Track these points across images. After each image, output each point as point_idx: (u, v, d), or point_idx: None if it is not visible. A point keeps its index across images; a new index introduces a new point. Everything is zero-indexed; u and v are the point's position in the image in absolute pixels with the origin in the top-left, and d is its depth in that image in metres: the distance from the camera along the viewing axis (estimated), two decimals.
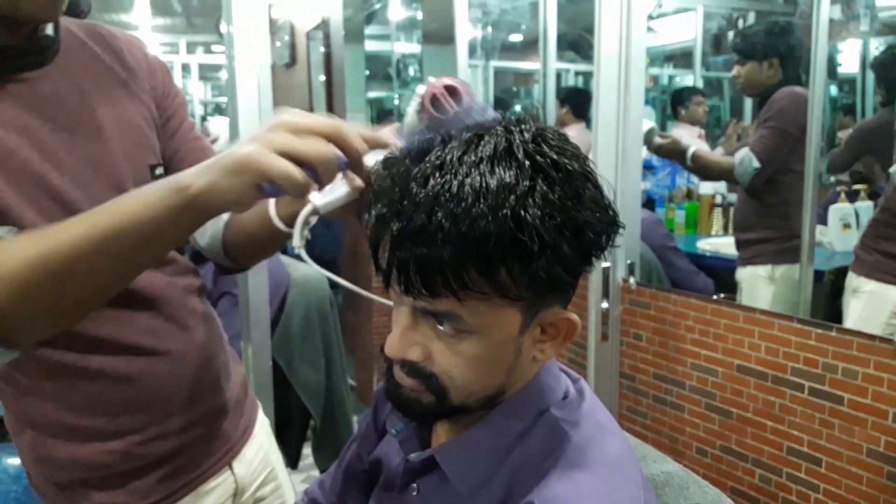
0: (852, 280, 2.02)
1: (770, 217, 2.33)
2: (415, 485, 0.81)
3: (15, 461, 1.32)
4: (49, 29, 0.89)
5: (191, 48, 6.13)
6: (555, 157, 0.64)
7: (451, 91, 0.76)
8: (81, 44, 0.95)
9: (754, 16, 3.80)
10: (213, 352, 1.07)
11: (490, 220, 0.60)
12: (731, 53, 2.52)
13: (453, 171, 0.63)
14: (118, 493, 0.98)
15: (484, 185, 0.61)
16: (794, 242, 2.12)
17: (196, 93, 6.71)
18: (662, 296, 1.89)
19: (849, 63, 3.74)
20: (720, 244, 2.96)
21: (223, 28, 1.59)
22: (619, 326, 2.00)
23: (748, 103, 3.72)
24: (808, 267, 2.12)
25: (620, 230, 0.69)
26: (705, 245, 3.03)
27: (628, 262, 1.97)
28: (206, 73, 6.61)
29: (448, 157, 0.64)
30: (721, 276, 2.78)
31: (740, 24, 3.79)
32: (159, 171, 1.00)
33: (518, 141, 0.65)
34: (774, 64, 2.35)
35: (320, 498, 1.03)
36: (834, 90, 3.77)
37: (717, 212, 3.35)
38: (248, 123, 1.55)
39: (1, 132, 0.83)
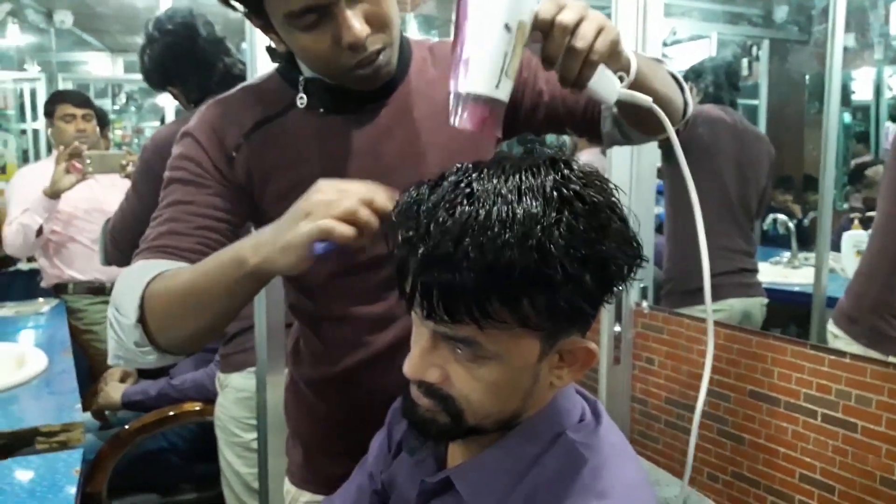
0: None
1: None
2: None
3: (28, 475, 1.33)
4: (393, 72, 1.01)
5: None
6: (580, 189, 0.65)
7: None
8: (424, 70, 1.06)
9: (768, 44, 3.82)
10: None
11: (515, 250, 0.61)
12: (747, 80, 2.55)
13: (481, 200, 0.64)
14: None
15: (511, 215, 0.62)
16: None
17: None
18: (675, 320, 1.89)
19: (862, 91, 3.75)
20: None
21: (245, 50, 1.61)
22: (631, 350, 2.00)
23: (762, 131, 3.72)
24: (821, 293, 2.12)
25: (643, 263, 0.70)
26: None
27: (641, 285, 1.97)
28: None
29: (476, 187, 0.65)
30: None
31: (754, 51, 3.81)
32: None
33: (545, 173, 0.66)
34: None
35: None
36: (848, 118, 3.77)
37: None
38: None
39: (334, 161, 1.00)
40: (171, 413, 2.03)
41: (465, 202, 0.64)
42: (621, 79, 0.84)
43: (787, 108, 3.89)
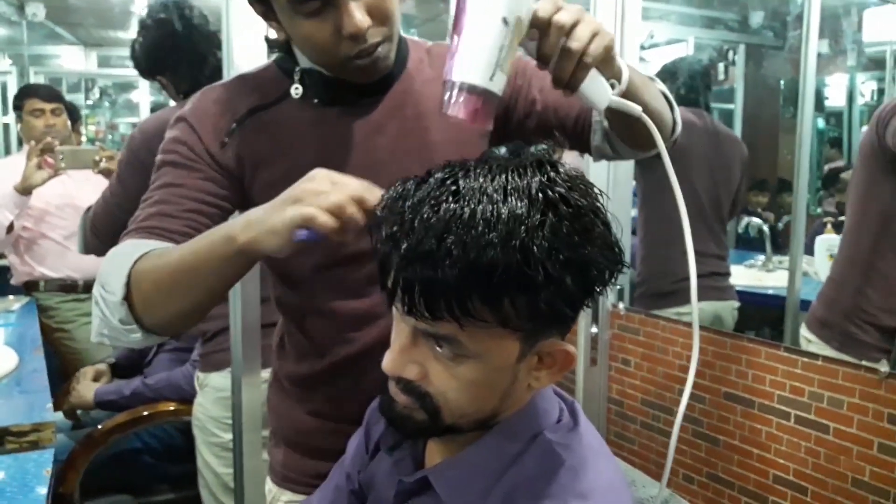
0: None
1: None
2: None
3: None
4: (390, 67, 1.02)
5: None
6: (565, 192, 0.65)
7: None
8: (420, 69, 1.08)
9: (744, 48, 3.86)
10: None
11: (499, 249, 0.61)
12: (723, 84, 2.57)
13: (466, 198, 0.64)
14: None
15: (495, 214, 0.62)
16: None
17: None
18: (651, 321, 1.90)
19: (836, 97, 3.81)
20: None
21: (221, 50, 1.60)
22: (608, 351, 2.01)
23: (738, 135, 3.76)
24: (795, 296, 2.15)
25: (624, 269, 0.70)
26: None
27: (618, 287, 1.98)
28: None
29: (462, 184, 0.65)
30: None
31: (730, 55, 3.86)
32: None
33: (531, 174, 0.66)
34: None
35: None
36: (821, 123, 3.82)
37: None
38: None
39: (324, 151, 1.00)
40: (146, 413, 2.01)
41: (450, 199, 0.64)
42: (613, 86, 0.85)
43: (763, 113, 3.94)
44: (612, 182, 1.95)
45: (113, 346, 0.99)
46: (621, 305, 1.98)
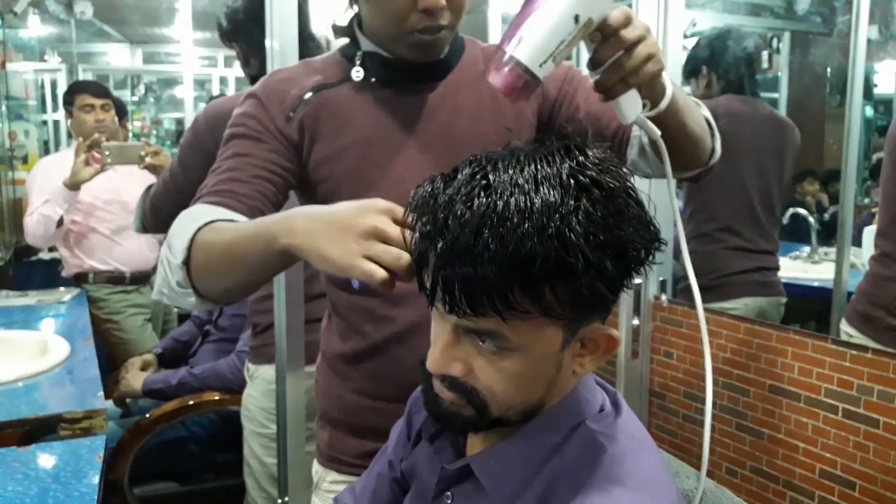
0: None
1: None
2: (449, 493, 0.82)
3: (52, 461, 1.34)
4: (443, 54, 1.11)
5: (228, 62, 6.25)
6: (596, 175, 0.65)
7: None
8: (475, 64, 1.14)
9: (789, 36, 3.78)
10: None
11: (536, 240, 0.61)
12: (767, 73, 2.51)
13: (498, 191, 0.64)
14: None
15: (529, 204, 0.62)
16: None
17: None
18: (694, 314, 1.88)
19: (885, 84, 3.70)
20: None
21: (267, 42, 1.61)
22: (649, 344, 1.99)
23: None
24: (842, 288, 2.10)
25: (662, 246, 0.70)
26: None
27: (660, 278, 1.96)
28: (242, 85, 6.70)
29: (493, 178, 0.65)
30: None
31: (775, 43, 3.77)
32: None
33: (560, 161, 0.66)
34: (709, 77, 2.32)
35: None
36: (870, 111, 3.73)
37: None
38: None
39: (376, 130, 1.08)
40: (191, 402, 2.06)
41: (482, 194, 0.64)
42: (645, 105, 0.89)
43: (808, 102, 3.85)
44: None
45: (172, 305, 1.05)
46: (664, 297, 1.96)
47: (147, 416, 2.04)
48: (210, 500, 2.11)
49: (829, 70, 3.72)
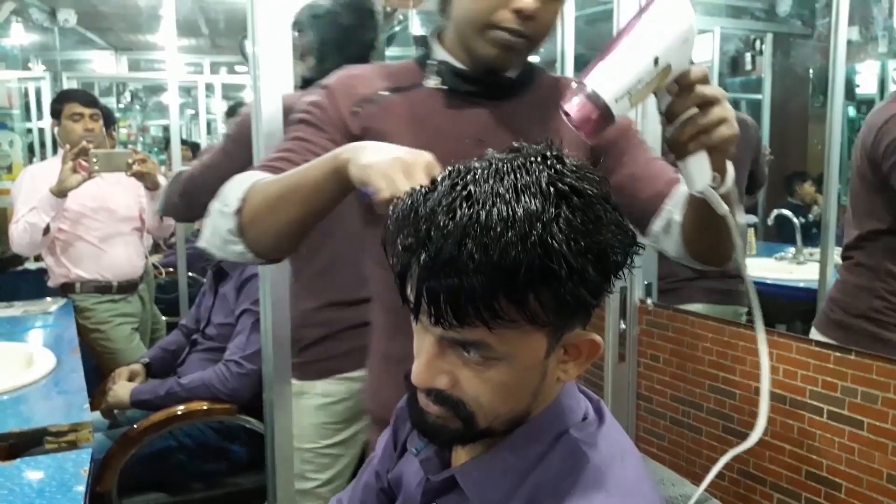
0: None
1: None
2: None
3: (37, 475, 1.34)
4: (512, 73, 1.16)
5: (214, 68, 6.24)
6: (574, 182, 0.66)
7: None
8: (546, 92, 1.18)
9: (772, 38, 3.81)
10: None
11: (520, 248, 0.62)
12: (749, 75, 2.53)
13: (480, 201, 0.64)
14: None
15: (511, 213, 0.63)
16: None
17: (219, 112, 6.82)
18: (680, 317, 1.89)
19: (867, 84, 3.74)
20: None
21: (248, 48, 1.61)
22: (636, 347, 2.00)
23: (766, 126, 3.72)
24: (826, 289, 2.12)
25: (639, 250, 0.71)
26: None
27: (645, 282, 1.97)
28: (229, 92, 6.70)
29: (473, 189, 0.65)
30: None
31: (757, 45, 3.80)
32: None
33: (539, 170, 0.66)
34: None
35: None
36: (852, 112, 3.76)
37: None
38: (270, 140, 1.56)
39: (436, 136, 1.11)
40: (179, 412, 2.05)
41: (464, 205, 0.64)
42: (715, 179, 0.88)
43: (791, 103, 3.88)
44: None
45: (219, 255, 1.09)
46: (649, 301, 1.97)
47: (135, 426, 2.03)
48: None
49: (811, 71, 3.75)
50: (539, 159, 0.68)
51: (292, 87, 1.69)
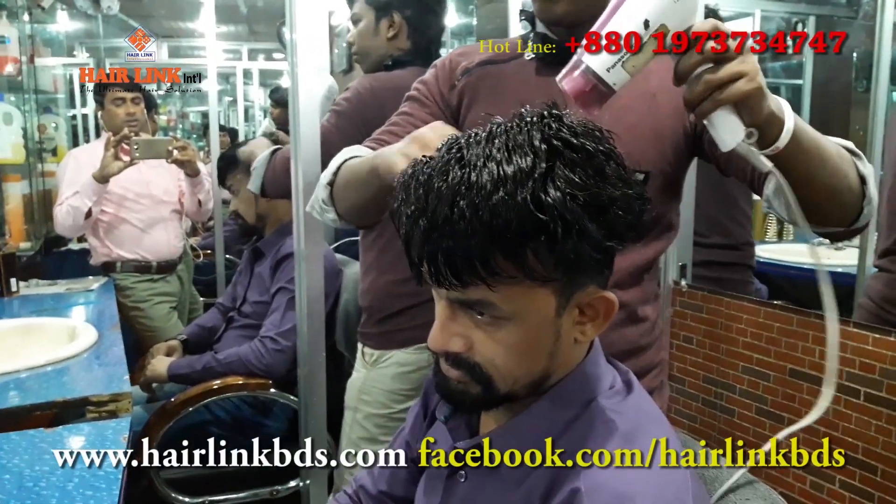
0: None
1: None
2: (462, 471, 0.83)
3: (78, 441, 1.38)
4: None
5: (252, 55, 6.30)
6: (570, 138, 0.66)
7: None
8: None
9: (814, 20, 3.72)
10: None
11: (510, 205, 0.63)
12: (791, 59, 2.46)
13: (472, 163, 0.66)
14: None
15: (501, 173, 0.64)
16: None
17: (257, 99, 6.89)
18: (714, 299, 1.88)
19: None
20: (775, 251, 2.90)
21: (286, 35, 1.63)
22: (669, 329, 1.99)
23: (806, 110, 3.64)
24: (866, 273, 2.08)
25: (646, 205, 0.70)
26: (760, 252, 2.97)
27: (679, 263, 1.96)
28: (266, 79, 6.77)
29: (466, 152, 0.67)
30: (775, 282, 2.72)
31: (799, 28, 3.72)
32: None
33: (533, 129, 0.67)
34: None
35: (369, 485, 1.05)
36: None
37: (772, 217, 3.28)
38: (308, 128, 1.58)
39: (530, 103, 1.14)
40: (216, 386, 2.09)
41: (456, 167, 0.66)
42: (752, 134, 0.80)
43: (833, 87, 3.79)
44: None
45: (319, 220, 1.21)
46: (683, 282, 1.95)
47: (172, 399, 2.07)
48: (233, 481, 2.14)
49: (854, 54, 3.65)
50: (535, 119, 0.69)
51: (328, 73, 1.70)
